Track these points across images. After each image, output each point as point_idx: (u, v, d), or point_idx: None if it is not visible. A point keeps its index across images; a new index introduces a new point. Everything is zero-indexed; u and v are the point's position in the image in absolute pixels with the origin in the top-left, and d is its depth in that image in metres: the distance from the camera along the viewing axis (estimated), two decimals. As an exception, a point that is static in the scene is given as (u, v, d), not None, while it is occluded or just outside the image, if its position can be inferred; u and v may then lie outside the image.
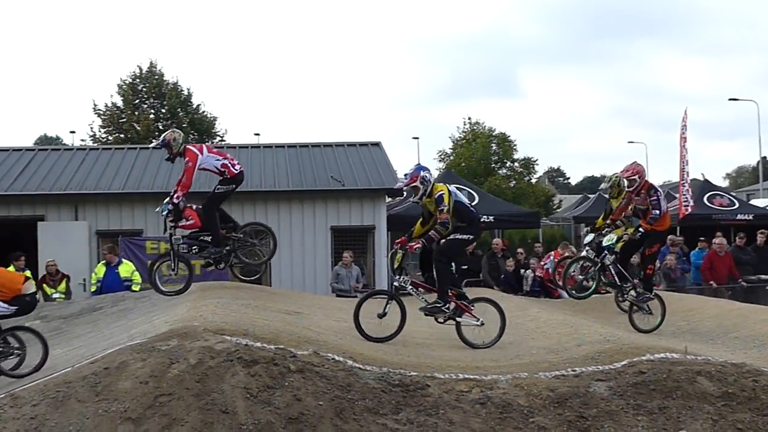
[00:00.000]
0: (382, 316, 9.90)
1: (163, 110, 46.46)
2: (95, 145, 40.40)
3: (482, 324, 10.05)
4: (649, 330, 11.50)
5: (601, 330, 10.50)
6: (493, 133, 50.90)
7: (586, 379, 8.09)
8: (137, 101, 46.28)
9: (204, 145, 12.58)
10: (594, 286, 12.04)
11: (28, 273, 16.82)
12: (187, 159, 12.01)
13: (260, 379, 7.41)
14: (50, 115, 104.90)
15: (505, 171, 50.91)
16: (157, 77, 46.34)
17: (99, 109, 45.99)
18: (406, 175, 10.28)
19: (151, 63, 46.92)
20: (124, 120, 45.74)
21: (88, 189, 21.36)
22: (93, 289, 16.86)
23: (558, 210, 52.78)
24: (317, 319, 10.81)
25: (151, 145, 11.10)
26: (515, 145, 50.76)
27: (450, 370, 8.31)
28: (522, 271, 18.44)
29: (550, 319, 11.64)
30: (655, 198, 11.56)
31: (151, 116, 46.19)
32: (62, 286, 17.13)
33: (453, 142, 52.47)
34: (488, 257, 18.89)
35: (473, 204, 11.02)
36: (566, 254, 16.61)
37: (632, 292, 11.74)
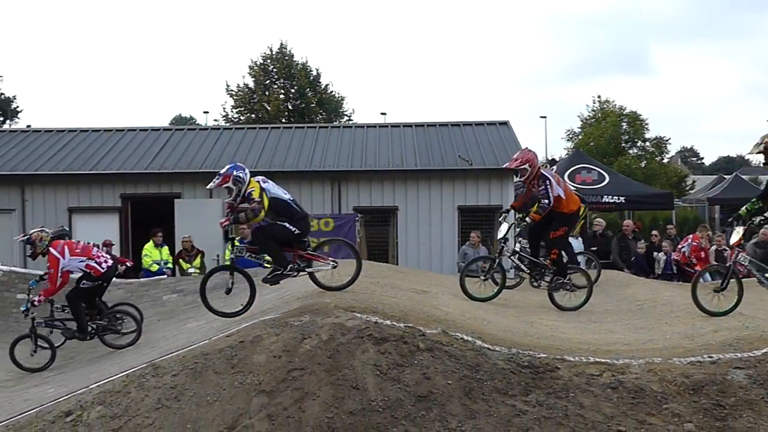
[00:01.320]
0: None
1: (293, 90, 47.22)
2: (228, 124, 41.55)
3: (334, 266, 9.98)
4: (573, 307, 11.08)
5: (740, 316, 10.10)
6: (624, 112, 49.54)
7: (724, 367, 7.80)
8: (268, 82, 47.19)
9: (67, 246, 12.21)
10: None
11: (166, 249, 17.54)
12: (48, 265, 11.95)
13: (390, 356, 7.47)
14: (185, 96, 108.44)
15: (635, 150, 49.48)
16: (287, 58, 47.11)
17: (231, 90, 47.21)
18: (218, 174, 10.09)
19: (281, 44, 47.75)
20: (255, 100, 46.75)
21: (221, 167, 21.96)
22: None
23: (691, 191, 50.98)
24: (445, 299, 10.81)
25: (15, 237, 10.79)
26: (647, 124, 49.23)
27: (580, 352, 8.17)
28: (654, 253, 17.94)
29: (684, 304, 11.27)
30: (543, 188, 10.90)
31: (281, 96, 47.03)
32: (197, 261, 17.74)
33: (582, 120, 51.44)
34: (618, 239, 18.46)
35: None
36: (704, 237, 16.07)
37: (546, 278, 11.22)
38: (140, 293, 15.12)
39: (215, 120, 51.40)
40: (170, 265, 17.84)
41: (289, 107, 46.15)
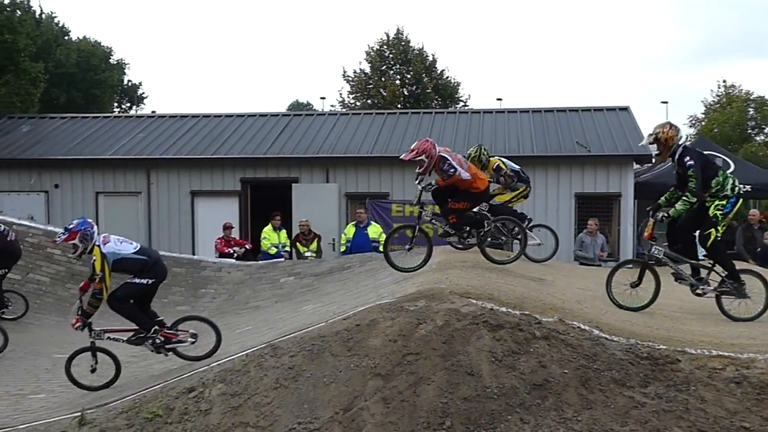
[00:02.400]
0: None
1: (408, 76, 47.29)
2: (344, 110, 41.99)
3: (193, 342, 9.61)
4: (507, 261, 11.24)
5: None
6: (751, 97, 47.64)
7: None
8: (384, 67, 47.39)
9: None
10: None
11: (284, 232, 17.89)
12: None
13: (505, 343, 7.43)
14: (302, 82, 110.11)
15: (763, 137, 47.56)
16: (403, 44, 47.19)
17: (348, 76, 47.65)
18: (65, 230, 9.55)
19: (398, 30, 47.87)
20: (372, 86, 47.05)
21: (339, 152, 22.28)
22: (342, 249, 17.62)
23: (822, 179, 48.64)
24: (561, 287, 10.67)
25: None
26: (775, 110, 47.22)
27: (702, 345, 7.92)
28: (783, 244, 17.21)
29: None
30: (446, 165, 10.50)
31: (397, 82, 47.18)
32: (314, 245, 18.04)
33: (705, 106, 49.73)
34: (744, 228, 17.80)
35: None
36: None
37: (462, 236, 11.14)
38: (258, 275, 15.48)
39: (332, 106, 52.02)
40: (288, 249, 18.20)
41: (405, 93, 46.22)
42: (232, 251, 17.91)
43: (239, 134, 24.06)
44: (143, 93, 52.78)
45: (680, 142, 9.80)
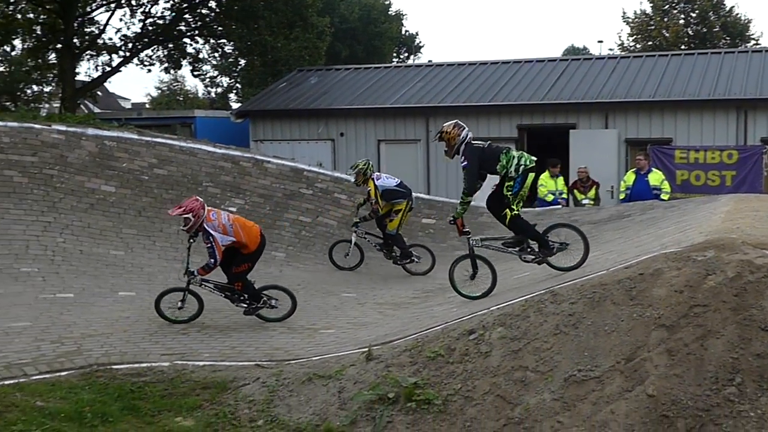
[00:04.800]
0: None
1: (693, 15, 44.72)
2: (624, 53, 40.48)
3: None
4: None
5: None
6: None
7: None
8: (666, 7, 45.14)
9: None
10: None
11: (561, 179, 17.67)
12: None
13: (805, 299, 6.90)
14: (577, 25, 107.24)
15: None
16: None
17: (628, 17, 45.93)
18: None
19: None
20: (653, 27, 45.02)
21: (618, 97, 21.56)
22: (622, 196, 17.13)
23: None
24: None
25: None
26: None
27: None
28: None
29: None
30: (209, 245, 10.53)
31: (681, 21, 44.77)
32: (592, 192, 17.66)
33: None
34: None
35: None
36: None
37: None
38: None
39: (610, 49, 50.38)
40: (565, 196, 17.95)
41: (690, 33, 43.75)
42: (508, 198, 17.94)
43: (515, 81, 23.96)
44: (420, 43, 54.00)
45: (465, 141, 10.31)
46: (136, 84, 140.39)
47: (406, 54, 53.23)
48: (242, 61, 36.97)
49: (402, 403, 7.06)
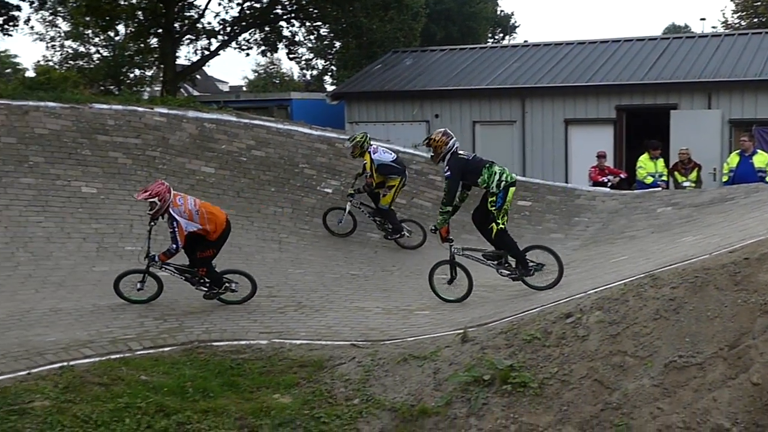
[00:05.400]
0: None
1: (806, -11, 43.00)
2: (728, 31, 39.18)
3: None
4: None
5: None
6: None
7: None
8: (774, -18, 43.51)
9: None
10: None
11: (661, 161, 17.27)
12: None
13: None
14: (678, 3, 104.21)
15: None
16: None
17: (732, -6, 44.45)
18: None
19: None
20: (759, 3, 43.42)
21: (722, 77, 20.90)
22: (725, 179, 16.64)
23: None
24: None
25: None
26: None
27: None
28: None
29: None
30: (171, 231, 10.59)
31: (789, -3, 43.11)
32: (693, 174, 17.19)
33: None
34: None
35: None
36: None
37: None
38: (634, 205, 15.11)
39: (713, 27, 48.81)
40: (665, 178, 17.53)
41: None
42: (606, 180, 17.62)
43: (614, 61, 23.47)
44: (515, 23, 53.38)
45: (451, 150, 10.60)
46: (233, 67, 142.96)
47: (501, 34, 52.72)
48: (337, 44, 37.23)
49: (497, 386, 7.03)
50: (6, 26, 29.95)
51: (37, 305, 10.55)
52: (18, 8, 30.21)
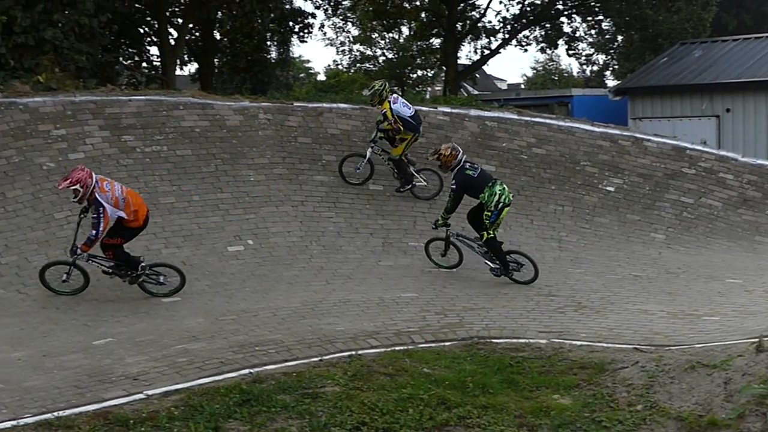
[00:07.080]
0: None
1: None
2: None
3: None
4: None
5: None
6: None
7: None
8: None
9: None
10: None
11: None
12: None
13: None
14: None
15: None
16: None
17: None
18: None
19: None
20: None
21: None
22: None
23: None
24: None
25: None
26: None
27: None
28: None
29: None
30: (95, 216, 10.49)
31: None
32: None
33: None
34: None
35: None
36: None
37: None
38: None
39: None
40: None
41: None
42: None
43: None
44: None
45: (459, 164, 11.96)
46: (511, 65, 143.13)
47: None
48: (619, 38, 36.25)
49: (798, 401, 6.51)
50: (302, 33, 32.02)
51: (328, 296, 11.20)
52: (313, 15, 32.21)
